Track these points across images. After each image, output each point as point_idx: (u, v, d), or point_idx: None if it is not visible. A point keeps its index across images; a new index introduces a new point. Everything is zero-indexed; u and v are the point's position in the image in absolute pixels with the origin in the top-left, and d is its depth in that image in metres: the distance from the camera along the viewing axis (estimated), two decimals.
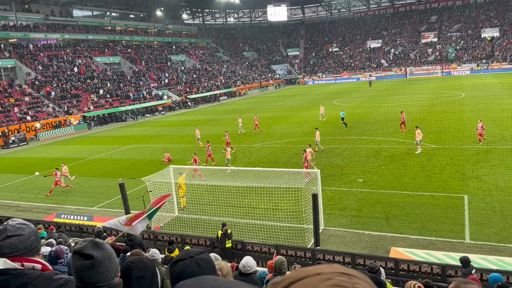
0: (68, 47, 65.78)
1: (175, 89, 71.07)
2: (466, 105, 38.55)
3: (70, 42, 68.46)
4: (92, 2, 75.64)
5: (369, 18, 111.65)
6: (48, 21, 65.95)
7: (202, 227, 15.44)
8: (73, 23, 71.50)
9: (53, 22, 66.93)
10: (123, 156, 30.78)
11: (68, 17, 70.87)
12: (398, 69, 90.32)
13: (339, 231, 14.26)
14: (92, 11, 79.22)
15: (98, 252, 1.88)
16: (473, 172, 19.12)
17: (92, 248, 1.89)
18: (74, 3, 71.74)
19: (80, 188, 22.77)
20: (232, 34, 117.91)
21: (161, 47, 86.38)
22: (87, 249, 1.87)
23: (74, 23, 71.66)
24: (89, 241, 1.92)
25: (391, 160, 22.73)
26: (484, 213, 14.49)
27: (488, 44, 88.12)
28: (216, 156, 26.75)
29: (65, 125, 47.51)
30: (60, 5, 70.83)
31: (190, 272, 1.76)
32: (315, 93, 68.83)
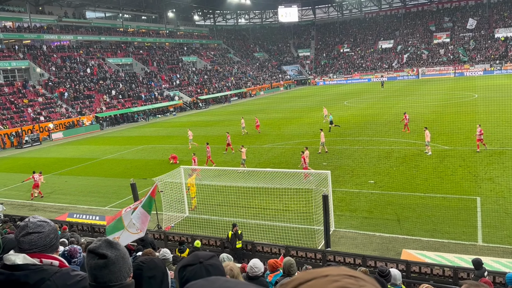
0: (81, 48, 66.57)
1: (186, 90, 71.45)
2: (479, 106, 38.10)
3: (83, 44, 69.26)
4: (104, 4, 76.43)
5: (380, 18, 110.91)
6: (62, 22, 66.80)
7: (212, 228, 15.51)
8: (86, 24, 72.35)
9: (66, 23, 67.80)
10: (134, 156, 31.04)
11: (81, 19, 71.72)
12: (410, 70, 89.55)
13: (350, 233, 14.21)
14: (105, 12, 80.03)
15: (112, 251, 1.92)
16: (486, 174, 18.89)
17: (106, 247, 1.93)
18: (87, 4, 72.58)
19: (92, 188, 23.03)
20: (243, 35, 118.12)
21: (172, 48, 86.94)
22: (101, 249, 1.92)
23: (87, 24, 72.50)
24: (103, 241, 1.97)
25: (403, 161, 22.56)
26: (497, 215, 14.31)
27: (501, 44, 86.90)
28: (218, 158, 26.85)
29: (78, 126, 48.08)
30: (73, 6, 71.74)
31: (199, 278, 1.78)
32: (326, 94, 68.57)
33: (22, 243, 2.14)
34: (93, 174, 26.29)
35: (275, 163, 24.38)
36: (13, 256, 2.09)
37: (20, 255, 2.08)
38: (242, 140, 33.12)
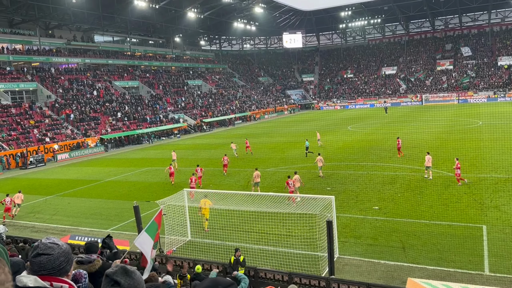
0: (88, 71, 67.63)
1: (191, 113, 72.01)
2: (484, 133, 38.08)
3: (90, 66, 70.40)
4: (113, 28, 78.08)
5: (384, 45, 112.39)
6: (70, 46, 68.12)
7: (214, 252, 15.33)
8: (94, 48, 73.73)
9: (75, 47, 69.12)
10: (138, 178, 31.04)
11: (89, 42, 73.17)
12: (414, 96, 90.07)
13: (354, 260, 14.00)
14: (113, 36, 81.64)
15: (126, 279, 1.92)
16: (492, 202, 18.70)
17: (122, 275, 1.93)
18: (95, 29, 74.14)
19: (94, 210, 22.95)
20: (248, 60, 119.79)
21: (178, 72, 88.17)
22: (117, 275, 1.92)
23: (95, 48, 73.89)
24: (120, 267, 1.97)
25: (407, 187, 22.42)
26: (504, 244, 14.09)
27: (505, 72, 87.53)
28: (221, 180, 26.79)
29: (83, 147, 48.34)
30: (82, 30, 73.29)
31: None
32: (330, 119, 68.87)
33: (33, 264, 2.15)
34: (96, 196, 26.25)
35: (279, 187, 24.27)
36: (25, 278, 2.09)
37: (31, 277, 2.08)
38: (251, 163, 33.14)
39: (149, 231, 5.43)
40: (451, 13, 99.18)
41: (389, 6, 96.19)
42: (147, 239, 5.34)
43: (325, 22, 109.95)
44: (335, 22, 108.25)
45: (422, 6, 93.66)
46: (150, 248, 5.29)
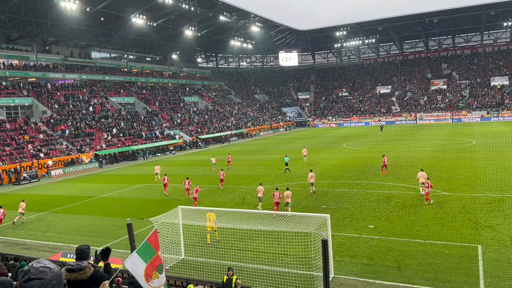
0: (84, 87, 67.78)
1: (187, 129, 72.07)
2: (477, 152, 38.32)
3: (87, 82, 70.60)
4: (110, 45, 78.61)
5: (378, 64, 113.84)
6: (67, 62, 68.45)
7: (208, 271, 15.14)
8: (91, 64, 74.12)
9: (71, 63, 69.45)
10: (132, 195, 30.82)
11: (86, 59, 73.55)
12: (408, 115, 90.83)
13: (350, 280, 13.86)
14: (110, 53, 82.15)
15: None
16: (486, 221, 18.70)
17: None
18: (93, 45, 74.63)
19: (87, 227, 22.69)
20: (244, 77, 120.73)
21: (175, 88, 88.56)
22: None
23: (92, 64, 74.27)
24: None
25: (402, 206, 22.40)
26: (499, 264, 14.04)
27: (497, 92, 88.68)
28: (215, 198, 26.66)
29: (77, 163, 48.06)
30: (79, 47, 73.75)
31: None
32: (325, 136, 69.12)
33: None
34: (90, 213, 25.98)
35: (273, 205, 24.14)
36: None
37: None
38: (246, 180, 33.06)
39: (140, 252, 5.13)
40: (444, 33, 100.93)
41: (384, 26, 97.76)
42: (138, 261, 5.05)
43: (321, 42, 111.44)
44: (330, 41, 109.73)
45: (416, 26, 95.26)
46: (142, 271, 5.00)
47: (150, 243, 5.23)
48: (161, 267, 5.17)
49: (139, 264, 4.96)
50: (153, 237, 5.35)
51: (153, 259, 5.12)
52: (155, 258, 5.15)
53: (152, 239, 5.31)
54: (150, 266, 5.04)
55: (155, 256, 5.16)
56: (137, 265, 4.96)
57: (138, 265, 4.96)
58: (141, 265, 4.98)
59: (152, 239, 5.30)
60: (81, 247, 5.02)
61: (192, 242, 17.75)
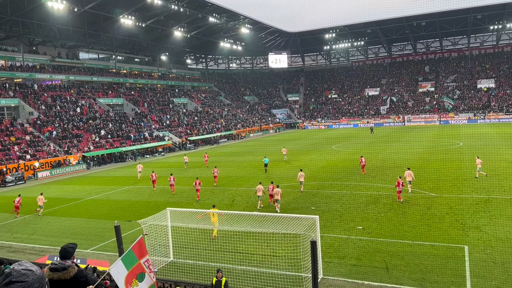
0: (72, 88, 67.06)
1: (176, 131, 71.74)
2: (464, 154, 38.79)
3: (74, 83, 69.86)
4: (98, 46, 77.96)
5: (367, 67, 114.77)
6: (54, 62, 67.69)
7: (197, 273, 15.07)
8: (79, 65, 73.39)
9: (59, 63, 68.70)
10: (120, 197, 30.54)
11: (74, 59, 72.83)
12: (396, 117, 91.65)
13: (338, 281, 13.91)
14: (98, 54, 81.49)
15: None
16: (473, 222, 18.93)
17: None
18: (80, 46, 73.94)
19: (75, 230, 22.41)
20: (234, 78, 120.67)
21: (164, 90, 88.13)
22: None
23: (80, 65, 73.54)
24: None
25: (391, 207, 22.56)
26: (485, 264, 14.21)
27: (484, 94, 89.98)
28: (206, 199, 26.54)
29: (64, 165, 47.51)
30: (67, 47, 72.99)
31: None
32: (314, 138, 69.36)
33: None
34: (77, 215, 25.69)
35: (263, 207, 24.18)
36: None
37: None
38: (236, 182, 32.98)
39: (124, 260, 5.11)
40: (432, 36, 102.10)
41: (372, 29, 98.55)
42: (121, 268, 5.01)
43: (310, 44, 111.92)
44: (320, 43, 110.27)
45: (404, 29, 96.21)
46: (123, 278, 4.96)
47: (134, 251, 5.22)
48: (141, 275, 5.15)
49: (121, 271, 4.95)
50: (138, 245, 5.32)
51: (134, 267, 5.12)
52: (136, 267, 5.14)
53: (137, 247, 5.28)
54: (130, 274, 5.03)
55: (136, 265, 5.15)
56: (120, 272, 4.94)
57: (121, 272, 4.94)
58: (123, 272, 4.96)
59: (137, 247, 5.28)
60: (65, 246, 4.90)
61: (180, 244, 17.64)
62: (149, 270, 5.26)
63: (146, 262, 5.33)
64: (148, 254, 5.46)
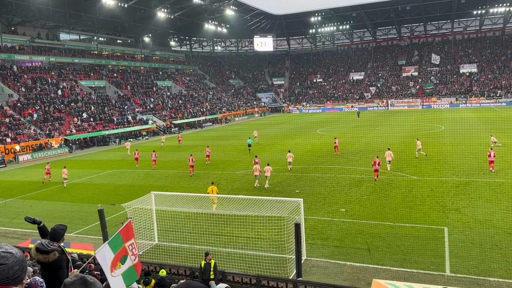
0: (53, 70, 65.53)
1: (160, 114, 71.03)
2: (446, 137, 39.46)
3: (55, 65, 68.24)
4: (79, 27, 76.04)
5: (352, 51, 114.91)
6: (34, 43, 65.85)
7: (182, 256, 15.14)
8: (60, 46, 71.54)
9: (39, 44, 66.84)
10: (103, 181, 30.28)
11: (54, 40, 70.93)
12: (380, 101, 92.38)
13: (321, 262, 14.16)
14: (79, 35, 79.52)
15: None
16: (453, 204, 19.39)
17: (80, 286, 1.85)
18: (61, 27, 72.01)
19: (57, 214, 22.21)
20: (219, 62, 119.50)
21: (147, 72, 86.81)
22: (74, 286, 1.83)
23: (61, 46, 71.70)
24: (79, 278, 1.88)
25: (373, 190, 22.92)
26: (464, 245, 14.62)
27: (466, 79, 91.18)
28: (189, 183, 26.59)
29: (46, 148, 46.72)
30: (47, 28, 70.99)
31: None
32: (299, 122, 69.61)
33: None
34: (60, 199, 25.42)
35: (248, 190, 24.32)
36: None
37: None
38: (220, 166, 32.98)
39: (111, 244, 5.10)
40: (416, 21, 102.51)
41: (357, 12, 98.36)
42: (108, 252, 5.01)
43: (296, 27, 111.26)
44: (305, 27, 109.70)
45: (389, 13, 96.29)
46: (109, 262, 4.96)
47: (121, 235, 5.21)
48: (124, 258, 5.16)
49: (108, 255, 4.95)
50: (126, 229, 5.32)
51: (120, 250, 5.13)
52: (122, 250, 5.15)
53: (125, 231, 5.28)
54: (116, 257, 5.04)
55: (121, 248, 5.16)
56: (106, 256, 4.94)
57: (107, 256, 4.94)
58: (110, 256, 4.96)
59: (125, 231, 5.27)
60: (56, 227, 4.85)
61: (165, 228, 17.66)
62: (131, 253, 5.26)
63: (130, 246, 5.33)
64: (134, 238, 5.45)
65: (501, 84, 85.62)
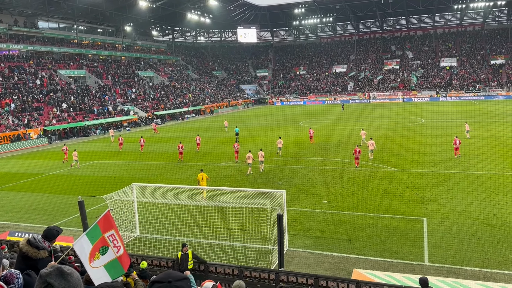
0: (31, 59, 63.90)
1: (142, 105, 70.15)
2: (426, 130, 40.12)
3: (33, 54, 66.55)
4: (58, 15, 74.14)
5: (335, 44, 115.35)
6: (12, 31, 64.01)
7: (164, 248, 15.07)
8: (38, 34, 69.70)
9: (16, 32, 65.02)
10: (83, 172, 29.83)
11: (32, 28, 69.03)
12: (362, 94, 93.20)
13: (303, 252, 14.29)
14: (59, 23, 77.59)
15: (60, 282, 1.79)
16: (432, 196, 19.77)
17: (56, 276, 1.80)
18: (40, 14, 70.07)
19: (36, 205, 21.80)
20: (202, 52, 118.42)
21: (128, 62, 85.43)
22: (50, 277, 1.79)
23: (39, 34, 69.87)
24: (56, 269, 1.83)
25: (354, 182, 23.19)
26: (442, 236, 14.95)
27: (446, 73, 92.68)
28: (173, 175, 26.44)
29: (24, 139, 45.70)
30: (25, 15, 69.01)
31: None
32: (283, 114, 69.75)
33: None
34: (38, 191, 24.95)
35: (231, 181, 24.30)
36: None
37: None
38: (203, 157, 32.85)
39: (89, 234, 5.02)
40: (398, 14, 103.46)
41: (341, 5, 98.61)
42: (85, 243, 4.94)
43: (279, 18, 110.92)
44: (289, 18, 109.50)
45: (372, 6, 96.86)
46: (87, 253, 4.89)
47: (99, 225, 5.12)
48: (104, 248, 5.09)
49: (86, 246, 4.87)
50: (104, 219, 5.21)
51: (98, 241, 5.04)
52: (100, 240, 5.07)
53: (102, 221, 5.18)
54: (94, 248, 4.97)
55: (100, 238, 5.08)
56: (84, 247, 4.86)
57: (85, 247, 4.87)
58: (88, 246, 4.88)
59: (102, 222, 5.17)
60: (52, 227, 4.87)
61: (147, 219, 17.54)
62: (113, 245, 5.17)
63: (110, 237, 5.23)
64: (115, 228, 5.34)
65: (480, 78, 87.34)
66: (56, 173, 29.88)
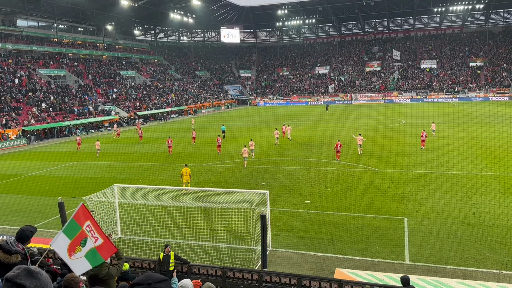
0: (10, 58, 62.48)
1: (124, 105, 69.32)
2: (406, 131, 40.71)
3: (12, 53, 65.08)
4: (38, 13, 72.66)
5: (318, 45, 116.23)
6: None
7: (146, 249, 14.93)
8: (17, 33, 68.21)
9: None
10: (64, 173, 29.31)
11: (11, 27, 67.48)
12: (344, 95, 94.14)
13: (286, 252, 14.34)
14: (38, 22, 76.05)
15: (31, 281, 1.75)
16: (412, 195, 20.09)
17: (25, 277, 1.76)
18: (18, 12, 68.54)
19: (15, 207, 21.31)
20: (185, 52, 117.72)
21: (110, 61, 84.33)
22: (19, 278, 1.74)
23: (18, 33, 68.37)
24: (23, 269, 1.79)
25: (337, 182, 23.39)
26: (423, 235, 15.19)
27: (426, 74, 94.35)
28: (155, 176, 26.21)
29: (2, 139, 44.63)
30: (3, 13, 67.40)
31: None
32: (266, 115, 69.87)
33: None
34: (17, 192, 24.40)
35: (214, 182, 24.22)
36: None
37: None
38: (186, 158, 32.65)
39: (66, 231, 4.95)
40: (380, 17, 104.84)
41: (323, 7, 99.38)
42: (63, 239, 4.86)
43: (263, 19, 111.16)
44: (272, 19, 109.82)
45: (354, 8, 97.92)
46: (65, 248, 4.83)
47: (76, 219, 5.06)
48: (85, 240, 5.05)
49: (63, 242, 4.81)
50: (79, 212, 5.15)
51: (77, 235, 4.99)
52: (80, 234, 5.02)
53: (78, 214, 5.12)
54: (74, 242, 4.91)
55: (80, 232, 5.02)
56: (61, 243, 4.79)
57: (63, 243, 4.80)
58: (65, 242, 4.82)
59: (78, 215, 5.11)
60: (24, 228, 4.63)
61: (129, 221, 17.33)
62: (91, 235, 5.13)
63: (87, 227, 5.19)
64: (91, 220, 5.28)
65: (459, 80, 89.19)
66: (35, 174, 29.28)
